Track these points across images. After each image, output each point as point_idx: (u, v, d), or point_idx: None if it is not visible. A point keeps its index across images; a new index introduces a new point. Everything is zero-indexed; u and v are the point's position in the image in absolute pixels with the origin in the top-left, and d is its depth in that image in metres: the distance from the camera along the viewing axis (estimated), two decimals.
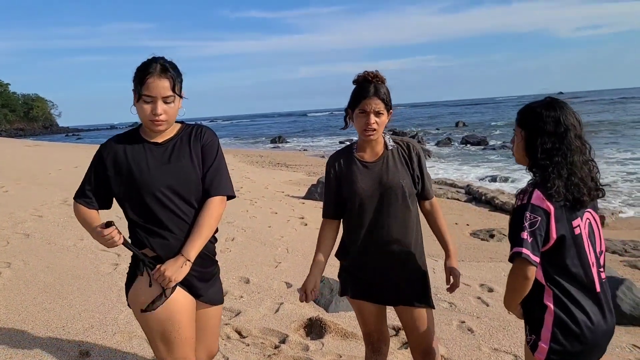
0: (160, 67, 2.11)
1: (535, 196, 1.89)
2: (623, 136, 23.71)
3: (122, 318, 3.94)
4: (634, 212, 9.61)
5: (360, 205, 2.44)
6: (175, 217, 2.20)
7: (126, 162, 2.20)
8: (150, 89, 2.09)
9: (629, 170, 14.37)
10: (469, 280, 5.27)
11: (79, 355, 3.37)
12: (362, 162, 2.49)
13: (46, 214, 7.49)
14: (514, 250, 1.89)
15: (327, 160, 2.60)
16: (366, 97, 2.35)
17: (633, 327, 4.17)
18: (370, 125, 2.36)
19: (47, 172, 12.74)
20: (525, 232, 1.86)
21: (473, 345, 3.72)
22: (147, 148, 2.23)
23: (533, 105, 2.03)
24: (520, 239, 1.87)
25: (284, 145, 32.82)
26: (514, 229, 1.91)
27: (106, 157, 2.23)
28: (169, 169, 2.21)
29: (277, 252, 6.10)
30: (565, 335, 1.94)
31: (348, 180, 2.47)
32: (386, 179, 2.44)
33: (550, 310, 1.95)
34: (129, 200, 2.22)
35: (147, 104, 2.12)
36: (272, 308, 4.30)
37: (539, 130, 1.95)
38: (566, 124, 1.93)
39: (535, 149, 1.95)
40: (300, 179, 14.00)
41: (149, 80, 2.08)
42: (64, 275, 4.89)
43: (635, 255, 6.62)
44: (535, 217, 1.87)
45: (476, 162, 18.64)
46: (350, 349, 3.60)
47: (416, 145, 2.58)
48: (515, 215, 1.92)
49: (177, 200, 2.20)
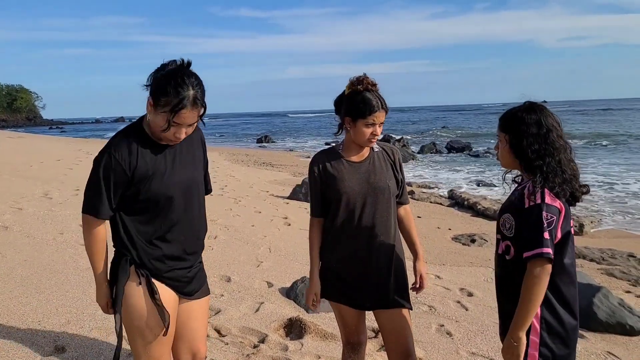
0: (192, 99, 1.99)
1: (547, 195, 1.91)
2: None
3: (100, 314, 3.89)
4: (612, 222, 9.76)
5: (346, 205, 2.46)
6: (192, 220, 2.23)
7: (144, 167, 2.08)
8: (181, 119, 2.01)
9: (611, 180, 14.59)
10: (449, 284, 5.31)
11: (54, 350, 3.33)
12: (348, 161, 2.51)
13: (26, 207, 7.39)
14: (536, 252, 1.87)
15: (312, 159, 2.59)
16: (376, 111, 2.39)
17: (609, 335, 4.23)
18: (377, 136, 2.45)
19: (28, 165, 12.56)
20: (546, 232, 1.88)
21: (451, 349, 3.75)
22: (156, 149, 2.13)
23: (513, 110, 2.08)
24: (542, 239, 1.87)
25: (270, 145, 32.73)
26: (532, 230, 1.90)
27: (122, 162, 2.05)
28: (184, 171, 2.19)
29: (260, 251, 6.08)
30: (553, 338, 1.95)
31: (334, 179, 2.48)
32: (373, 178, 2.47)
33: (538, 314, 1.96)
34: (145, 207, 2.11)
35: (172, 127, 2.03)
36: (252, 307, 4.29)
37: (522, 133, 2.00)
38: (547, 124, 1.98)
39: (524, 152, 1.99)
40: (285, 179, 13.98)
41: (183, 112, 1.99)
42: (42, 269, 4.83)
43: (613, 263, 6.72)
44: (552, 217, 1.90)
45: (460, 167, 18.76)
46: (330, 350, 3.61)
47: (398, 151, 2.67)
48: (531, 215, 1.91)
49: (194, 202, 2.24)
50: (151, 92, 2.03)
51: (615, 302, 4.40)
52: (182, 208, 2.19)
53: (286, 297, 4.58)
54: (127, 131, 2.14)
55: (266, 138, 35.97)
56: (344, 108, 2.46)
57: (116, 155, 2.04)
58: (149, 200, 2.10)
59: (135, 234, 2.13)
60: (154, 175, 2.09)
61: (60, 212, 7.12)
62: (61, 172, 11.41)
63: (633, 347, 4.04)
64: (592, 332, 4.25)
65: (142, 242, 2.14)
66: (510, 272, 2.04)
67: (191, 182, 2.22)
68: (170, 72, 2.01)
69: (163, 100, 1.98)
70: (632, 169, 16.53)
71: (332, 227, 2.53)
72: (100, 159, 2.07)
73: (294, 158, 22.35)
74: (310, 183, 2.60)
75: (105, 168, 2.05)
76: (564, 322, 1.97)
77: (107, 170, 2.04)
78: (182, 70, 2.03)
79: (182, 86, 1.97)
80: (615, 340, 4.14)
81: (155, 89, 2.01)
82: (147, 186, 2.08)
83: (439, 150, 24.76)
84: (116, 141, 2.10)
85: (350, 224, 2.46)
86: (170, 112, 1.98)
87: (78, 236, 5.89)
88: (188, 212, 2.22)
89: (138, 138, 2.11)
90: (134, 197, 2.09)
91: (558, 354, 1.96)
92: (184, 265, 2.25)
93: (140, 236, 2.14)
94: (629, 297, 5.17)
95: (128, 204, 2.11)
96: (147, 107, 2.06)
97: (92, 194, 2.08)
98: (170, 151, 2.17)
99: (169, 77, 1.99)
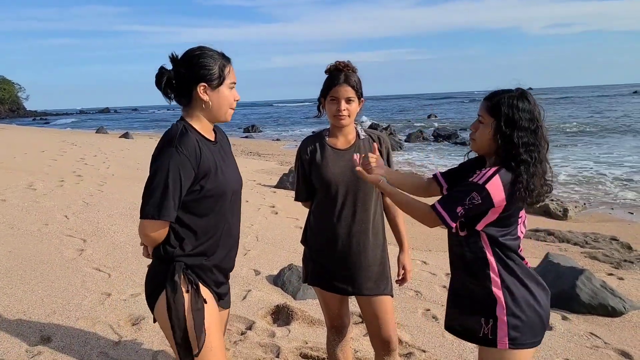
0: (225, 56, 2.09)
1: (493, 183, 1.88)
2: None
3: (86, 304, 3.89)
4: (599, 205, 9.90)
5: (328, 191, 2.47)
6: (236, 223, 2.20)
7: (207, 162, 1.99)
8: (232, 77, 2.09)
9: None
10: (435, 269, 5.36)
11: (40, 340, 3.31)
12: (334, 148, 2.51)
13: (10, 198, 7.31)
14: (439, 211, 1.94)
15: (299, 145, 2.61)
16: (337, 84, 2.40)
17: (591, 316, 4.30)
18: (341, 112, 2.41)
19: (11, 156, 12.40)
20: (460, 207, 1.90)
21: (437, 332, 3.79)
22: (208, 146, 2.05)
23: (504, 94, 1.95)
24: (453, 208, 1.92)
25: (257, 134, 32.62)
26: (455, 194, 1.94)
27: (192, 160, 1.94)
28: (233, 170, 2.16)
29: (247, 240, 6.08)
30: (517, 310, 1.95)
31: (319, 166, 2.49)
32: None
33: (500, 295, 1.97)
34: (204, 205, 2.01)
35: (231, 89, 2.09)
36: (239, 295, 4.29)
37: (515, 122, 1.89)
38: (539, 119, 1.92)
39: (512, 143, 1.89)
40: (272, 168, 13.97)
41: (231, 68, 2.09)
42: (27, 260, 4.79)
43: (596, 247, 6.82)
44: (478, 201, 1.88)
45: (447, 154, 18.87)
46: (317, 335, 3.63)
47: (387, 139, 2.65)
48: (464, 186, 1.93)
49: (239, 204, 2.21)
50: (199, 77, 1.99)
51: (597, 284, 4.48)
52: (232, 209, 2.13)
53: (273, 284, 4.59)
54: (180, 130, 1.99)
55: (253, 127, 35.82)
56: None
57: (183, 150, 1.91)
58: (211, 197, 2.01)
59: (185, 234, 2.01)
60: (216, 170, 2.02)
61: (44, 203, 7.06)
62: (45, 164, 11.28)
63: (615, 328, 4.12)
64: (575, 314, 4.32)
65: (192, 244, 2.02)
66: (466, 251, 2.04)
67: (239, 182, 2.20)
68: (191, 54, 2.02)
69: (214, 65, 2.01)
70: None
71: (315, 213, 2.56)
72: (164, 156, 1.91)
73: (280, 147, 22.32)
74: (295, 168, 2.62)
75: (173, 165, 1.89)
76: (518, 298, 1.96)
77: (174, 167, 1.89)
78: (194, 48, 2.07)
79: (211, 52, 2.04)
80: (598, 322, 4.22)
81: (199, 69, 1.99)
82: (211, 181, 2.00)
83: (426, 138, 24.86)
84: (177, 137, 1.95)
85: (331, 211, 2.47)
86: (224, 68, 2.03)
87: (63, 227, 5.84)
88: (235, 215, 2.18)
89: (193, 134, 2.01)
90: (196, 193, 1.98)
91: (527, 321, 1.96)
92: (225, 269, 2.19)
93: (192, 236, 2.02)
94: (611, 279, 5.26)
95: (187, 202, 1.98)
96: (197, 99, 2.02)
97: (158, 195, 1.88)
98: (217, 148, 2.11)
99: (198, 57, 2.00)
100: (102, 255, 5.03)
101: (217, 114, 2.07)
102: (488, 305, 1.98)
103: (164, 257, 2.00)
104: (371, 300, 2.52)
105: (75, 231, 5.71)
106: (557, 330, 3.94)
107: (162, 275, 1.98)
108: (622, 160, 15.64)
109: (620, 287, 4.90)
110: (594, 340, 3.82)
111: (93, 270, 4.63)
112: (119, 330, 3.50)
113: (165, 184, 1.88)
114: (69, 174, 9.65)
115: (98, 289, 4.19)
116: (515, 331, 1.95)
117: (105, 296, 4.06)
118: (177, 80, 2.02)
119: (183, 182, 1.91)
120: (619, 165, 14.68)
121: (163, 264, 2.00)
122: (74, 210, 6.73)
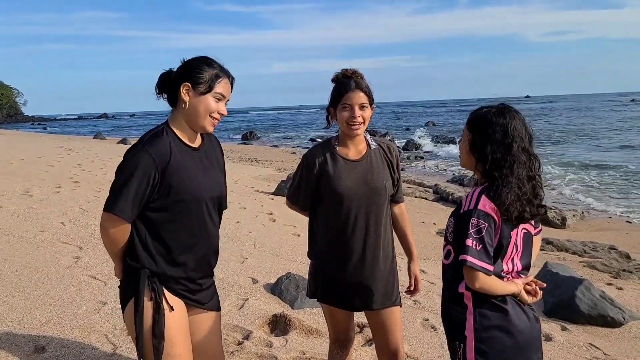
0: (223, 68, 2.12)
1: (482, 201, 1.84)
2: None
3: (81, 313, 3.84)
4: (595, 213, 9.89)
5: (341, 205, 2.39)
6: (214, 230, 2.20)
7: (176, 166, 2.01)
8: (221, 88, 2.09)
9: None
10: (433, 279, 5.32)
11: (34, 350, 3.27)
12: (345, 159, 2.43)
13: (6, 204, 7.25)
14: (461, 258, 1.85)
15: (306, 153, 2.52)
16: (349, 90, 2.34)
17: (591, 327, 4.28)
18: (356, 119, 2.33)
19: (8, 162, 12.35)
20: (469, 239, 1.82)
21: (436, 342, 3.76)
22: (186, 151, 2.08)
23: (484, 110, 1.96)
24: (464, 247, 1.83)
25: (255, 141, 32.58)
26: (460, 235, 1.87)
27: (158, 162, 1.97)
28: (211, 179, 2.15)
29: (244, 247, 6.04)
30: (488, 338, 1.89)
31: (332, 178, 2.39)
32: (370, 178, 2.41)
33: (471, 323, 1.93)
34: (173, 210, 2.03)
35: (218, 101, 2.08)
36: (236, 304, 4.25)
37: (487, 137, 1.89)
38: (513, 134, 1.87)
39: (485, 157, 1.89)
40: (270, 175, 13.93)
41: (223, 81, 2.10)
42: (21, 267, 4.74)
43: (595, 256, 6.80)
44: (482, 224, 1.82)
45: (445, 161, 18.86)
46: (315, 345, 3.59)
47: (396, 148, 2.60)
48: (461, 221, 1.87)
49: (217, 212, 2.22)
50: (186, 77, 2.03)
51: (597, 294, 4.45)
52: (208, 216, 2.13)
53: (271, 293, 4.55)
54: (156, 131, 2.06)
55: (251, 134, 35.79)
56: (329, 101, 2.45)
57: (149, 150, 1.95)
58: (181, 202, 2.02)
59: (153, 242, 2.03)
60: (186, 175, 2.03)
61: (40, 210, 7.01)
62: (42, 169, 11.22)
63: (614, 338, 4.09)
64: (575, 324, 4.29)
65: (160, 253, 2.03)
66: (449, 277, 2.01)
67: (218, 192, 2.19)
68: (190, 60, 2.08)
69: (206, 72, 2.03)
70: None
71: (326, 227, 2.47)
72: (132, 156, 1.97)
73: (279, 154, 22.28)
74: (301, 175, 2.49)
75: (135, 164, 1.94)
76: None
77: (139, 167, 1.93)
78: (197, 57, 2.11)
79: (211, 61, 2.08)
80: (597, 332, 4.19)
81: (190, 71, 2.03)
82: (181, 187, 2.01)
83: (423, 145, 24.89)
84: (148, 137, 2.02)
85: (345, 224, 2.39)
86: (216, 78, 2.04)
87: (59, 234, 5.80)
88: (210, 224, 2.16)
89: (169, 137, 2.05)
90: (164, 197, 2.00)
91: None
92: (194, 279, 2.15)
93: (160, 245, 2.03)
94: (610, 289, 5.24)
95: (154, 208, 2.01)
96: (180, 100, 2.05)
97: (119, 192, 1.94)
98: (198, 155, 2.12)
99: (196, 61, 2.06)
100: (98, 263, 4.98)
101: (195, 120, 2.07)
102: (460, 328, 1.95)
103: (130, 267, 2.04)
104: (381, 313, 2.47)
105: (71, 238, 5.67)
106: (556, 341, 3.91)
107: (129, 284, 2.04)
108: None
109: (620, 297, 4.87)
110: (594, 352, 3.80)
111: (89, 278, 4.58)
112: (114, 340, 3.46)
113: (125, 182, 1.93)
114: (66, 180, 9.57)
115: (94, 298, 4.14)
116: (482, 357, 1.88)
117: (101, 305, 4.01)
118: (170, 79, 2.09)
119: (143, 181, 1.94)
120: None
121: (131, 273, 2.04)
122: (70, 217, 6.68)
